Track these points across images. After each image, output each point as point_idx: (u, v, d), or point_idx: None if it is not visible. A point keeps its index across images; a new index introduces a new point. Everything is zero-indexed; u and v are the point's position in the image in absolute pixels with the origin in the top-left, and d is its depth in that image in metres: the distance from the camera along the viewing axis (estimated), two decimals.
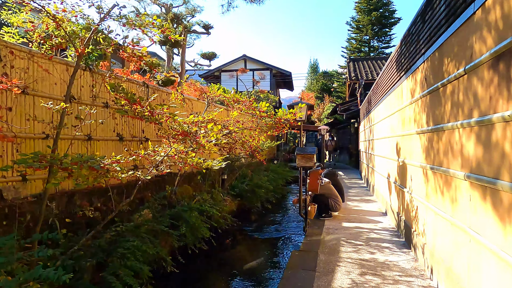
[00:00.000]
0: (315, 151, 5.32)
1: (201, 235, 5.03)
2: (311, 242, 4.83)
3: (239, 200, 8.03)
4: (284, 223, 7.55)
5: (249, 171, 9.83)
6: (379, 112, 7.73)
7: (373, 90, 8.90)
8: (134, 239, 3.54)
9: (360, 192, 9.61)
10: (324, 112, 28.87)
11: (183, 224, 4.78)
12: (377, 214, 6.66)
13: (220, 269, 4.87)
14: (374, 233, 5.27)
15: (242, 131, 5.81)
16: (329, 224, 5.86)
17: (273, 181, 10.58)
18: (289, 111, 5.44)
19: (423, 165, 3.79)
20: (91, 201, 4.76)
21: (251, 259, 5.21)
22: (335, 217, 6.44)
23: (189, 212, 5.05)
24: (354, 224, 5.86)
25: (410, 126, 4.46)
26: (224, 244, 5.87)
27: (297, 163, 5.31)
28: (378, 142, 7.84)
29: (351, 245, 4.63)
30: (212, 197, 6.74)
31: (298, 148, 5.41)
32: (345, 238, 5.00)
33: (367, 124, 10.80)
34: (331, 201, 6.39)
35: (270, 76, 21.30)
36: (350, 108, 17.46)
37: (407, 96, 4.66)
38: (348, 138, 20.51)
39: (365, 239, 4.91)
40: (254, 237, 6.42)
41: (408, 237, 4.51)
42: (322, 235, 5.20)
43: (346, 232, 5.31)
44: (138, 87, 6.11)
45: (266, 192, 8.99)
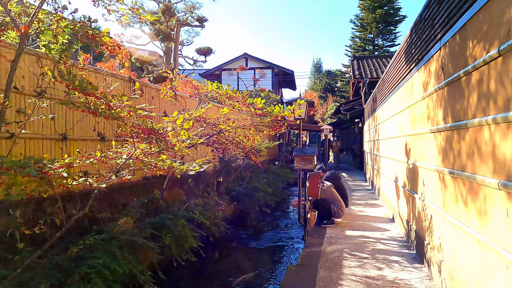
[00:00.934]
0: (315, 153, 4.81)
1: (189, 246, 4.54)
2: (310, 254, 4.31)
3: (235, 204, 7.53)
4: (283, 229, 7.04)
5: (247, 173, 9.33)
6: (385, 110, 7.19)
7: (379, 87, 8.37)
8: (102, 254, 3.05)
9: (364, 196, 9.06)
10: (327, 112, 28.30)
11: (167, 234, 4.29)
12: (384, 220, 6.13)
13: (206, 285, 4.36)
14: (381, 243, 4.74)
15: (236, 130, 5.31)
16: (331, 232, 5.34)
17: (273, 183, 10.07)
18: (286, 108, 4.93)
19: (439, 169, 3.26)
20: (65, 208, 4.28)
21: (244, 272, 4.70)
22: (337, 224, 5.91)
23: (174, 220, 4.55)
24: (358, 232, 5.33)
25: (423, 124, 3.93)
26: (213, 254, 5.37)
27: (296, 166, 4.80)
28: (384, 142, 7.30)
29: (355, 258, 4.11)
30: (205, 202, 6.24)
31: (296, 149, 4.90)
32: (349, 249, 4.48)
33: (372, 123, 10.25)
34: (334, 206, 5.86)
35: (272, 75, 20.79)
36: (354, 108, 16.90)
37: (419, 90, 4.14)
38: (352, 139, 19.94)
39: (371, 251, 4.39)
40: (250, 245, 5.91)
41: (421, 250, 3.98)
42: (323, 245, 4.68)
43: (349, 242, 4.78)
44: (123, 82, 5.63)
45: (264, 195, 8.49)
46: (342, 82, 32.65)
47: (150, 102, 6.33)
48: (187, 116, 4.31)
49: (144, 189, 5.82)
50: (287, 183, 12.12)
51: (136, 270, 3.17)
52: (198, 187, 7.39)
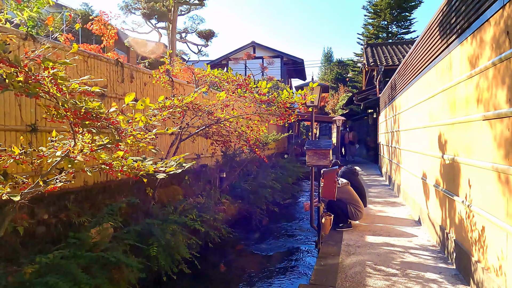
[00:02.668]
0: (331, 146, 4.03)
1: (181, 256, 3.84)
2: (325, 268, 3.57)
3: (240, 203, 6.82)
4: (292, 232, 6.30)
5: (253, 168, 8.60)
6: (408, 98, 6.34)
7: (399, 73, 7.49)
8: (56, 279, 2.35)
9: (382, 192, 8.25)
10: (338, 102, 27.28)
11: (154, 243, 3.59)
12: (409, 223, 5.34)
13: None
14: (409, 253, 3.97)
15: (238, 120, 4.56)
16: (349, 238, 4.58)
17: (282, 178, 9.32)
18: (297, 93, 4.16)
19: (500, 167, 2.47)
20: (33, 212, 3.61)
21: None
22: (355, 227, 5.15)
23: (163, 226, 3.86)
24: (381, 238, 4.56)
25: (469, 109, 3.12)
26: (212, 265, 4.67)
27: (307, 161, 4.04)
28: (407, 134, 6.47)
29: (381, 276, 3.35)
30: (206, 201, 5.54)
31: (308, 142, 4.13)
32: (372, 262, 3.73)
33: (390, 113, 9.38)
34: (351, 207, 5.09)
35: (280, 64, 19.89)
36: (368, 97, 15.97)
37: (462, 68, 3.32)
38: (365, 130, 18.99)
39: (399, 265, 3.62)
40: (254, 252, 5.20)
41: (465, 268, 3.20)
42: (341, 256, 3.93)
43: (372, 252, 4.03)
44: (109, 65, 4.91)
45: (272, 192, 7.75)
46: (354, 72, 31.46)
47: (142, 90, 5.62)
48: (177, 102, 3.58)
49: (134, 188, 5.14)
50: (297, 178, 11.37)
51: None
52: (199, 184, 6.69)
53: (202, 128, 4.67)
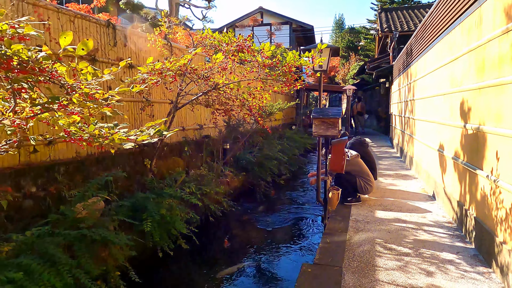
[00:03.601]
0: (341, 114, 3.66)
1: (178, 231, 3.62)
2: (331, 246, 3.31)
3: (244, 175, 6.56)
4: (298, 205, 6.06)
5: (259, 139, 8.27)
6: (426, 63, 5.84)
7: (417, 36, 6.91)
8: (31, 260, 2.12)
9: (393, 165, 7.91)
10: (349, 72, 26.38)
11: (148, 219, 3.36)
12: (422, 197, 5.02)
13: (187, 284, 3.46)
14: (423, 230, 3.68)
15: (238, 86, 4.18)
16: (358, 214, 4.30)
17: (289, 150, 9.01)
18: (303, 56, 3.73)
19: None
20: (19, 185, 3.39)
21: (243, 268, 3.77)
22: (364, 201, 4.86)
23: (159, 199, 3.62)
24: (392, 214, 4.27)
25: (502, 70, 2.69)
26: (212, 240, 4.46)
27: (314, 131, 3.69)
28: (423, 102, 6.02)
29: (392, 255, 3.08)
30: (207, 173, 5.28)
31: (315, 110, 3.76)
32: (382, 239, 3.45)
33: (404, 81, 8.85)
34: (360, 180, 4.78)
35: (289, 30, 19.00)
36: (380, 66, 15.23)
37: (495, 22, 2.85)
38: (376, 101, 18.37)
39: (412, 243, 3.34)
40: (257, 227, 4.97)
41: (487, 248, 2.90)
42: (348, 232, 3.66)
43: (382, 229, 3.75)
44: (99, 27, 4.51)
45: (278, 164, 7.47)
46: (366, 40, 30.18)
47: (138, 55, 5.23)
48: (168, 65, 3.21)
49: (131, 159, 4.89)
50: (304, 150, 11.05)
51: (86, 278, 2.28)
52: (201, 155, 6.43)
53: (199, 95, 4.31)
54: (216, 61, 3.57)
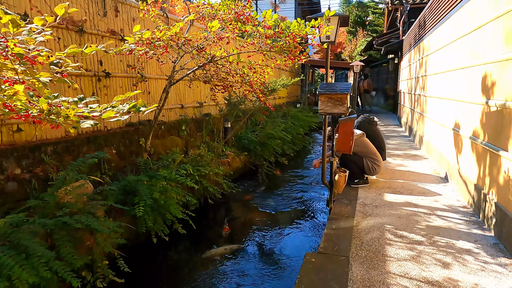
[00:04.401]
0: (349, 90, 3.33)
1: (174, 216, 3.40)
2: (337, 233, 3.07)
3: (246, 155, 6.30)
4: (303, 186, 5.81)
5: (262, 117, 7.95)
6: (441, 35, 5.41)
7: (431, 7, 6.42)
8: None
9: (402, 144, 7.59)
10: (356, 48, 25.55)
11: (140, 203, 3.13)
12: (433, 179, 4.74)
13: (177, 269, 3.25)
14: (436, 216, 3.42)
15: (238, 59, 3.83)
16: (365, 197, 4.05)
17: (293, 129, 8.70)
18: (309, 25, 3.37)
19: None
20: (1, 166, 3.15)
21: (239, 260, 3.54)
22: (372, 183, 4.60)
23: (152, 182, 3.37)
24: (402, 197, 4.00)
25: None
26: (210, 224, 4.24)
27: (320, 108, 3.38)
28: (437, 78, 5.63)
29: (404, 244, 2.83)
30: (206, 153, 5.02)
31: (321, 85, 3.43)
32: (392, 225, 3.20)
33: (415, 56, 8.39)
34: (367, 161, 4.50)
35: (294, 4, 18.24)
36: (389, 41, 14.61)
37: None
38: (384, 78, 17.80)
39: (425, 230, 3.09)
40: (258, 210, 4.74)
41: (509, 236, 2.63)
42: (355, 218, 3.41)
43: (392, 214, 3.49)
44: None
45: (282, 143, 7.19)
46: (375, 14, 29.05)
47: (131, 27, 4.87)
48: (159, 34, 2.88)
49: (126, 138, 4.63)
50: (309, 129, 10.72)
51: (66, 270, 2.05)
52: (201, 134, 6.16)
53: (194, 69, 3.97)
54: (212, 29, 3.22)
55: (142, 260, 3.38)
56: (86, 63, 4.15)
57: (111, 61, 4.52)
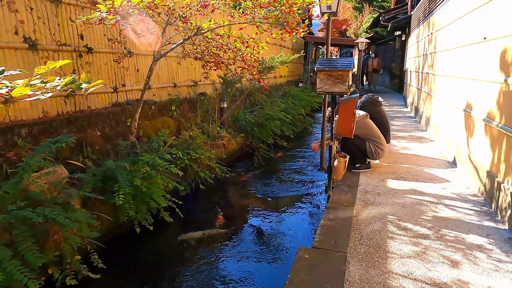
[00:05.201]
0: (351, 67, 2.98)
1: (158, 204, 3.14)
2: (335, 225, 2.81)
3: (243, 136, 6.00)
4: (301, 171, 5.53)
5: (262, 97, 7.59)
6: (454, 7, 4.96)
7: None
8: None
9: (407, 125, 7.25)
10: (362, 25, 24.69)
11: (120, 190, 2.87)
12: (440, 164, 4.44)
13: (155, 263, 3.01)
14: (444, 205, 3.14)
15: (229, 33, 3.46)
16: (367, 183, 3.77)
17: (293, 109, 8.35)
18: None
19: None
20: None
21: (228, 252, 3.28)
22: (375, 167, 4.31)
23: (135, 168, 3.10)
24: (406, 183, 3.72)
25: None
26: (199, 212, 3.97)
27: (319, 87, 3.04)
28: (448, 55, 5.23)
29: (408, 237, 2.56)
30: (197, 136, 4.73)
31: (320, 61, 3.09)
32: (395, 216, 2.93)
33: (424, 32, 7.90)
34: (370, 145, 4.19)
35: None
36: (396, 16, 13.95)
37: None
38: (390, 56, 17.19)
39: (431, 221, 2.81)
40: (251, 195, 4.48)
41: None
42: (355, 207, 3.14)
43: (395, 202, 3.21)
44: None
45: (281, 124, 6.87)
46: None
47: None
48: (134, 1, 2.52)
49: (112, 119, 4.34)
50: (311, 109, 10.35)
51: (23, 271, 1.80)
52: (194, 115, 5.84)
53: (179, 43, 3.62)
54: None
55: (123, 251, 3.15)
56: (64, 36, 3.80)
57: (93, 35, 4.16)
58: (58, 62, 1.08)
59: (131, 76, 4.82)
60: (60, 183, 2.59)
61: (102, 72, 4.34)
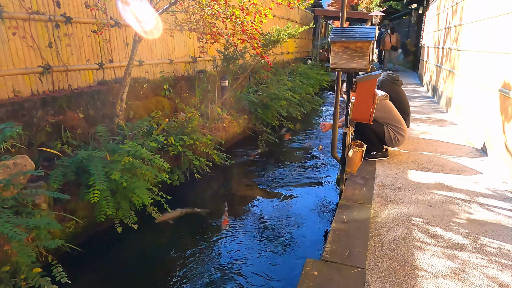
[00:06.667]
0: (374, 37, 2.43)
1: (141, 201, 2.71)
2: (348, 229, 2.35)
3: (246, 118, 5.51)
4: (309, 156, 5.05)
5: (268, 75, 7.02)
6: None
7: None
8: None
9: (425, 106, 6.67)
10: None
11: (95, 186, 2.43)
12: (467, 151, 3.92)
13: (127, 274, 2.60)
14: (478, 204, 2.66)
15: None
16: (385, 174, 3.29)
17: (301, 88, 7.78)
18: None
19: None
20: None
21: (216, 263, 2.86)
22: (393, 155, 3.82)
23: (115, 158, 2.65)
24: (431, 175, 3.23)
25: None
26: (191, 205, 3.51)
27: (332, 62, 2.52)
28: (478, 27, 4.59)
29: (440, 248, 2.10)
30: (194, 118, 4.25)
31: (335, 30, 2.55)
32: (422, 218, 2.46)
33: (446, 3, 7.15)
34: (389, 130, 3.68)
35: None
36: None
37: None
38: (404, 32, 16.24)
39: (466, 226, 2.34)
40: (250, 186, 4.00)
41: None
42: (373, 205, 2.68)
43: (420, 200, 2.74)
44: None
45: (288, 105, 6.34)
46: None
47: None
48: None
49: (97, 100, 3.86)
50: (320, 88, 9.74)
51: None
52: (192, 94, 5.34)
53: (164, 9, 3.08)
54: None
55: (103, 251, 2.76)
56: (36, 3, 3.28)
57: (72, 2, 3.63)
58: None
59: (120, 51, 4.31)
60: (18, 179, 2.16)
61: (85, 45, 3.83)
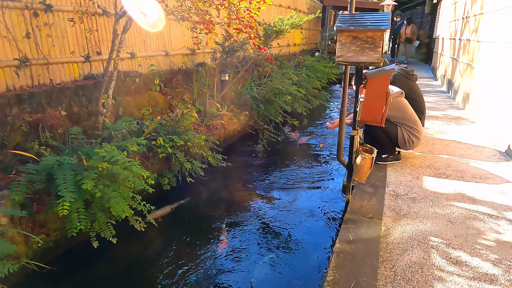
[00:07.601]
0: (388, 26, 2.06)
1: (120, 211, 2.39)
2: (355, 252, 2.00)
3: (246, 115, 5.16)
4: (314, 158, 4.69)
5: (273, 68, 6.64)
6: None
7: None
8: None
9: (439, 102, 6.23)
10: None
11: (65, 197, 2.12)
12: (490, 155, 3.52)
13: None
14: (508, 221, 2.29)
15: None
16: (397, 181, 2.92)
17: (307, 82, 7.38)
18: None
19: None
20: None
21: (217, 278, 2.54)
22: (406, 158, 3.45)
23: (90, 163, 2.34)
24: (449, 183, 2.85)
25: None
26: (181, 214, 3.19)
27: (339, 55, 2.15)
28: (502, 15, 4.14)
29: (466, 280, 1.75)
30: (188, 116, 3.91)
31: (342, 18, 2.17)
32: (441, 238, 2.10)
33: None
34: (403, 131, 3.30)
35: None
36: None
37: None
38: (417, 22, 15.60)
39: (495, 249, 1.98)
40: (247, 191, 3.66)
41: None
42: (383, 220, 2.32)
43: (438, 214, 2.37)
44: None
45: (292, 100, 5.97)
46: None
47: None
48: None
49: (81, 96, 3.55)
50: (328, 81, 9.31)
51: None
52: (190, 89, 5.00)
53: None
54: None
55: (77, 267, 2.47)
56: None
57: None
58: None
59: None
60: None
61: (68, 36, 3.51)
